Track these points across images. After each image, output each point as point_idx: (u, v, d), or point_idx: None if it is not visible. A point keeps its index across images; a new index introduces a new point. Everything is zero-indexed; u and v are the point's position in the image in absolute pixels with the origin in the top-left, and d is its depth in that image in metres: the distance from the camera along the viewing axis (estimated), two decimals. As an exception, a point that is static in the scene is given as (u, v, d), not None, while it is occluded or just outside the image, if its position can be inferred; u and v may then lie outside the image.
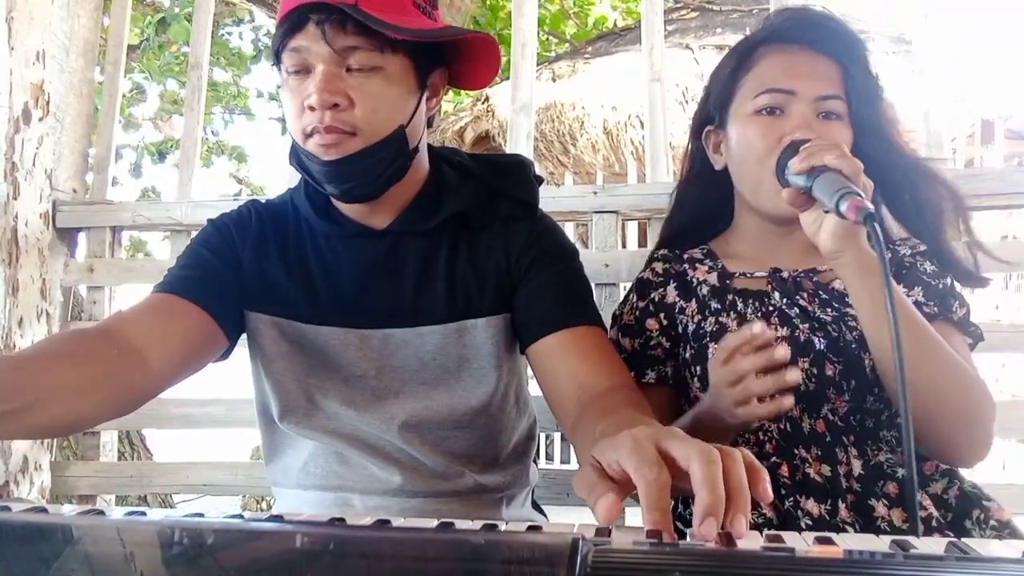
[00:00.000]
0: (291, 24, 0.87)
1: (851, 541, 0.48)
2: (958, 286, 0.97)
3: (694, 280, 1.03)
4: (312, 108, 0.86)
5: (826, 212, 0.78)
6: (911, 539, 0.48)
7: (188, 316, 0.91)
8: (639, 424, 0.64)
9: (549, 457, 5.18)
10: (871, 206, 0.70)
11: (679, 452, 0.53)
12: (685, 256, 1.07)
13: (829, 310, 0.94)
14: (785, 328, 0.93)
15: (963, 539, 0.48)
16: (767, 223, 1.00)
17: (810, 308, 0.94)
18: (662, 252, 1.11)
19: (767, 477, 0.53)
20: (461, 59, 0.97)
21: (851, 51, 0.96)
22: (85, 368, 0.80)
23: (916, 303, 0.90)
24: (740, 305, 0.98)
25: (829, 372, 0.90)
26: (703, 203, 1.10)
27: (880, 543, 0.48)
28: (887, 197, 0.99)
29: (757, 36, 1.00)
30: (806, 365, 0.90)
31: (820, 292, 0.96)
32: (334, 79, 0.86)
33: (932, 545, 0.47)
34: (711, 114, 1.04)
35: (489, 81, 1.02)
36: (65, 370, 0.78)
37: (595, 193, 1.54)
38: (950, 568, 0.40)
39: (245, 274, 0.99)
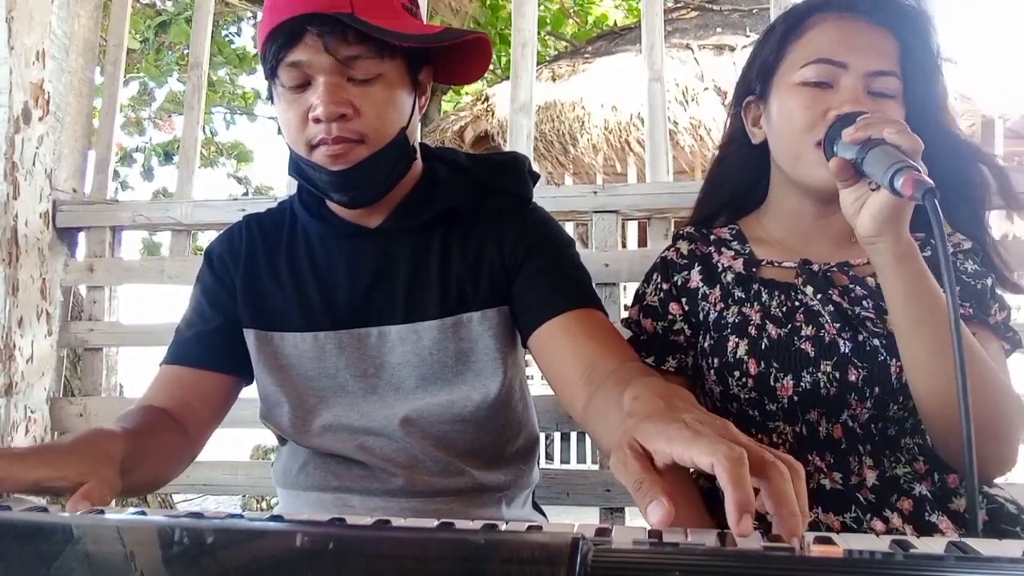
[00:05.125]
0: (286, 37, 0.85)
1: (851, 541, 0.48)
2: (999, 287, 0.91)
3: (719, 265, 0.98)
4: (318, 120, 0.86)
5: (873, 190, 0.73)
6: (911, 539, 0.48)
7: (206, 383, 1.00)
8: (675, 397, 0.63)
9: (549, 457, 5.19)
10: (931, 181, 0.64)
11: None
12: (712, 237, 1.02)
13: (858, 309, 0.88)
14: (810, 327, 0.89)
15: (964, 539, 0.48)
16: (804, 203, 0.94)
17: (844, 304, 0.89)
18: (688, 230, 1.05)
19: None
20: (454, 56, 0.97)
21: (912, 25, 0.88)
22: (160, 440, 0.90)
23: None
24: (765, 296, 0.93)
25: (852, 377, 0.85)
26: (741, 177, 1.04)
27: (880, 543, 0.48)
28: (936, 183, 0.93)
29: (810, 2, 0.92)
30: (828, 368, 0.86)
31: (856, 287, 0.90)
32: (338, 90, 0.86)
33: (932, 544, 0.47)
34: (752, 85, 0.97)
35: (480, 76, 1.02)
36: (153, 440, 0.88)
37: (595, 193, 1.54)
38: (950, 568, 0.40)
39: (239, 296, 1.02)
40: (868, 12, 0.88)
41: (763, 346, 0.90)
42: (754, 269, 0.96)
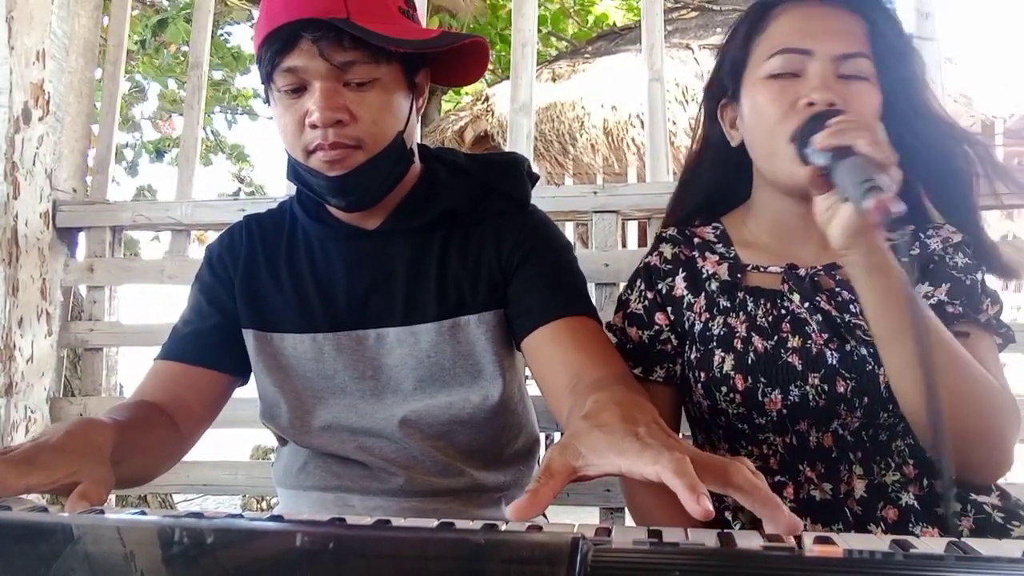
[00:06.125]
0: (282, 43, 0.85)
1: (851, 541, 0.48)
2: (991, 282, 0.88)
3: (704, 271, 0.96)
4: (315, 126, 0.86)
5: (844, 200, 0.71)
6: (911, 539, 0.48)
7: (200, 380, 0.99)
8: (634, 408, 0.63)
9: (549, 457, 5.17)
10: (902, 208, 0.62)
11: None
12: (696, 239, 0.99)
13: (847, 316, 0.86)
14: (797, 337, 0.87)
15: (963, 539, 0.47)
16: (785, 202, 0.91)
17: (832, 312, 0.87)
18: (671, 233, 1.01)
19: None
20: (451, 59, 0.97)
21: (877, 3, 0.86)
22: (150, 434, 0.90)
23: (939, 303, 0.84)
24: (751, 305, 0.91)
25: (841, 389, 0.84)
26: (714, 179, 1.01)
27: (880, 543, 0.48)
28: (918, 168, 0.87)
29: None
30: (816, 381, 0.85)
31: (842, 291, 0.88)
32: (334, 95, 0.86)
33: (932, 544, 0.47)
34: (725, 85, 0.95)
35: (478, 78, 1.02)
36: (143, 434, 0.88)
37: (595, 193, 1.54)
38: (950, 567, 0.40)
39: (238, 296, 1.02)
40: None
41: (749, 360, 0.88)
42: (739, 276, 0.94)
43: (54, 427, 0.75)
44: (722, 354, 0.90)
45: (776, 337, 0.89)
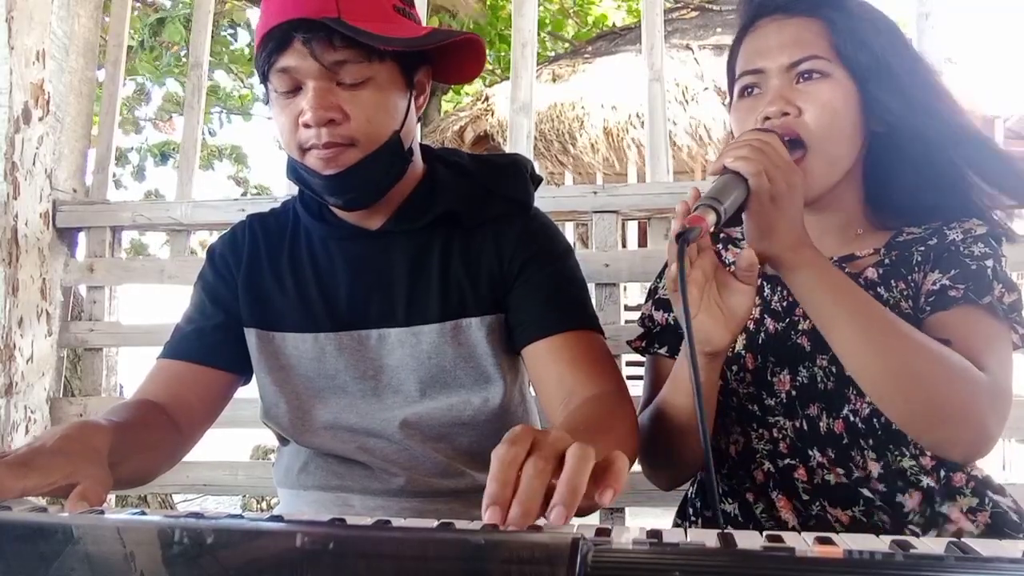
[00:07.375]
0: (276, 43, 0.86)
1: (851, 541, 0.48)
2: (1010, 272, 0.87)
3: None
4: (308, 125, 0.87)
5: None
6: (911, 539, 0.48)
7: (203, 379, 0.99)
8: (571, 425, 0.65)
9: (549, 457, 5.17)
10: (686, 227, 0.70)
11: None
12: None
13: None
14: (808, 321, 0.89)
15: (964, 539, 0.48)
16: None
17: None
18: None
19: (617, 485, 0.54)
20: (447, 56, 0.97)
21: (830, 1, 0.88)
22: (149, 434, 0.89)
23: (943, 287, 0.84)
24: (767, 291, 0.95)
25: (849, 371, 0.83)
26: None
27: (880, 543, 0.48)
28: (906, 163, 0.89)
29: (740, 28, 0.96)
30: (825, 363, 0.87)
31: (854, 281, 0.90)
32: (327, 95, 0.86)
33: (932, 544, 0.47)
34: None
35: (475, 76, 1.03)
36: (142, 434, 0.87)
37: (595, 193, 1.54)
38: (950, 568, 0.40)
39: (241, 295, 1.02)
40: (780, 8, 0.90)
41: (760, 340, 0.91)
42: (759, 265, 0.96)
43: (50, 431, 0.75)
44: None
45: (788, 319, 0.92)
